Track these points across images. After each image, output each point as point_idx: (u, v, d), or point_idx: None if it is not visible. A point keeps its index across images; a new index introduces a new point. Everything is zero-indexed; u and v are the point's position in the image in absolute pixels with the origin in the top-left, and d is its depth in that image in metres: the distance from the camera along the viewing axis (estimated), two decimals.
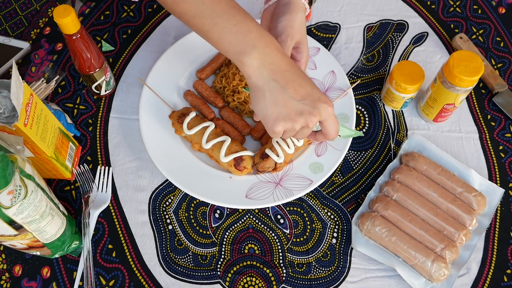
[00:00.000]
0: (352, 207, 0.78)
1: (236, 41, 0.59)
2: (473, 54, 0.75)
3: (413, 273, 0.71)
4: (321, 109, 0.60)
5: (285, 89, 0.59)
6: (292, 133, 0.63)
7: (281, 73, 0.60)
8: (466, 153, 0.83)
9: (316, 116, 0.60)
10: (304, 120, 0.60)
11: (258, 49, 0.59)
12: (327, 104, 0.61)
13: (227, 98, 0.85)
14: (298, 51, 0.70)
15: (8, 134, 0.60)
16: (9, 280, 0.71)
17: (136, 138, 0.82)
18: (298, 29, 0.68)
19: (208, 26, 0.60)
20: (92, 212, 0.75)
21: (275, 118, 0.61)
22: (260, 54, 0.59)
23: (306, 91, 0.60)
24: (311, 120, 0.60)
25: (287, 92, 0.59)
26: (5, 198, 0.54)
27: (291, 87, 0.59)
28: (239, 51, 0.59)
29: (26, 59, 0.91)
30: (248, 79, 0.61)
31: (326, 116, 0.61)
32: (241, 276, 0.72)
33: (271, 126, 0.61)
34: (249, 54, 0.59)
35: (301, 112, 0.60)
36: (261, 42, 0.59)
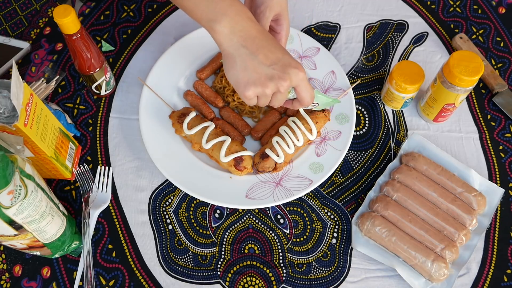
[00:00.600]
0: (352, 207, 0.78)
1: (208, 9, 0.61)
2: (473, 54, 0.75)
3: (413, 273, 0.71)
4: (292, 74, 0.61)
5: (255, 55, 0.61)
6: (266, 99, 0.64)
7: (251, 40, 0.61)
8: (466, 153, 0.83)
9: (286, 80, 0.61)
10: (274, 85, 0.61)
11: (229, 16, 0.61)
12: (297, 69, 0.61)
13: (227, 98, 0.85)
14: (278, 23, 0.72)
15: (8, 134, 0.60)
16: (9, 280, 0.71)
17: (136, 138, 0.82)
18: (277, 2, 0.69)
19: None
20: (92, 212, 0.75)
21: (245, 83, 0.62)
22: (230, 22, 0.61)
23: (276, 57, 0.61)
24: (282, 84, 0.61)
25: (257, 58, 0.61)
26: (5, 198, 0.54)
27: (261, 53, 0.61)
28: (210, 19, 0.61)
29: (26, 59, 0.91)
30: (220, 46, 0.63)
31: (297, 81, 0.62)
32: (241, 276, 0.72)
33: (242, 91, 0.62)
34: (220, 21, 0.61)
35: (271, 77, 0.61)
36: (231, 10, 0.61)
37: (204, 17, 0.62)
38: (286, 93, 0.63)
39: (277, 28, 0.72)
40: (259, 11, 0.69)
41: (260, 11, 0.69)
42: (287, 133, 0.77)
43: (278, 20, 0.71)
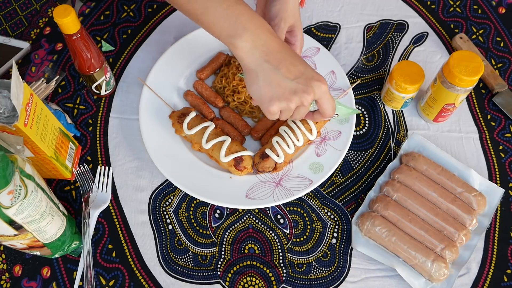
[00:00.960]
0: (352, 207, 0.78)
1: (228, 24, 0.60)
2: (473, 54, 0.75)
3: (413, 273, 0.71)
4: (315, 87, 0.60)
5: (278, 69, 0.60)
6: (289, 113, 0.63)
7: (273, 54, 0.60)
8: (466, 153, 0.83)
9: (310, 94, 0.61)
10: (298, 98, 0.61)
11: (250, 31, 0.59)
12: (320, 82, 0.61)
13: (227, 98, 0.85)
14: (292, 34, 0.71)
15: (8, 134, 0.60)
16: (9, 280, 0.71)
17: (136, 138, 0.82)
18: (291, 13, 0.69)
19: (201, 10, 0.61)
20: (92, 212, 0.75)
21: (270, 98, 0.61)
22: (251, 36, 0.59)
23: (299, 70, 0.61)
24: (306, 98, 0.61)
25: (280, 72, 0.60)
26: (5, 198, 0.54)
27: (284, 66, 0.60)
28: (230, 34, 0.60)
29: (26, 59, 0.91)
30: (241, 61, 0.61)
31: (320, 94, 0.61)
32: (241, 276, 0.72)
33: (267, 106, 0.62)
34: (240, 36, 0.59)
35: (295, 91, 0.60)
36: (252, 25, 0.60)
37: (224, 32, 0.61)
38: (308, 106, 0.63)
39: (292, 39, 0.71)
40: (273, 24, 0.68)
41: (274, 24, 0.68)
42: (287, 133, 0.77)
43: (292, 31, 0.70)
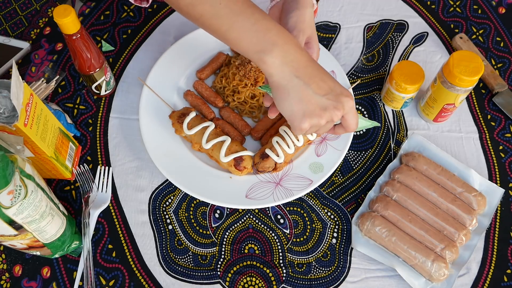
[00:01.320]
0: (352, 207, 0.78)
1: (256, 40, 0.58)
2: (473, 54, 0.75)
3: (413, 273, 0.71)
4: (345, 103, 0.61)
5: (308, 85, 0.59)
6: (317, 128, 0.63)
7: (303, 70, 0.60)
8: (466, 153, 0.83)
9: (340, 110, 0.61)
10: (329, 115, 0.61)
11: (279, 46, 0.58)
12: (349, 97, 0.61)
13: (227, 98, 0.85)
14: (309, 46, 0.70)
15: (8, 134, 0.60)
16: (9, 280, 0.71)
17: (136, 138, 0.82)
18: (308, 24, 0.68)
19: (226, 26, 0.59)
20: (92, 212, 0.75)
21: (302, 115, 0.61)
22: (281, 52, 0.58)
23: (329, 86, 0.61)
24: (336, 114, 0.61)
25: (310, 88, 0.59)
26: (5, 198, 0.54)
27: (314, 82, 0.60)
28: (259, 50, 0.58)
29: (26, 59, 0.91)
30: (269, 77, 0.60)
31: (348, 109, 0.62)
32: (241, 276, 0.72)
33: (299, 123, 0.61)
34: (270, 52, 0.58)
35: (325, 107, 0.60)
36: (280, 40, 0.59)
37: (251, 48, 0.59)
38: (336, 121, 0.63)
39: (309, 51, 0.70)
40: (292, 36, 0.67)
41: (294, 36, 0.66)
42: (287, 133, 0.77)
43: (309, 43, 0.70)
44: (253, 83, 0.82)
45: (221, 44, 0.90)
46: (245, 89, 0.83)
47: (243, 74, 0.82)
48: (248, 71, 0.82)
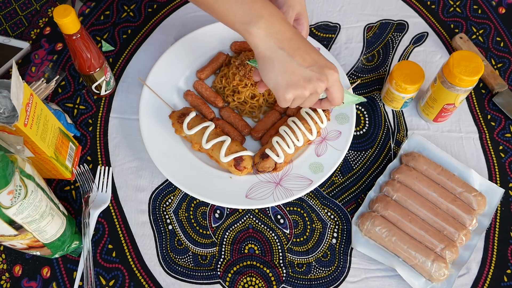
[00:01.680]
0: (352, 207, 0.78)
1: (242, 11, 0.60)
2: (473, 54, 0.75)
3: (413, 273, 0.71)
4: (328, 75, 0.62)
5: (293, 57, 0.61)
6: (301, 100, 0.64)
7: (288, 42, 0.61)
8: (466, 153, 0.83)
9: (324, 82, 0.62)
10: (313, 86, 0.62)
11: (264, 18, 0.60)
12: (333, 70, 0.62)
13: (227, 98, 0.85)
14: (299, 22, 0.72)
15: (8, 134, 0.60)
16: (9, 280, 0.71)
17: (136, 138, 0.82)
18: (298, 0, 0.70)
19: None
20: (92, 212, 0.75)
21: (285, 86, 0.62)
22: (266, 24, 0.60)
23: (313, 58, 0.62)
24: (320, 86, 0.62)
25: (294, 60, 0.61)
26: (5, 198, 0.54)
27: (298, 55, 0.61)
28: (245, 22, 0.60)
29: (26, 59, 0.91)
30: (255, 49, 0.62)
31: (332, 82, 0.63)
32: (241, 276, 0.72)
33: (282, 94, 0.62)
34: (255, 24, 0.60)
35: (309, 78, 0.61)
36: (266, 12, 0.60)
37: (237, 20, 0.61)
38: (320, 94, 0.64)
39: (298, 27, 0.72)
40: (281, 11, 0.68)
41: (283, 12, 0.69)
42: (287, 133, 0.77)
43: (298, 19, 0.72)
44: (253, 83, 0.82)
45: (221, 44, 0.90)
46: (245, 89, 0.83)
47: (243, 74, 0.82)
48: (248, 71, 0.82)
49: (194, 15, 0.96)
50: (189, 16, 0.96)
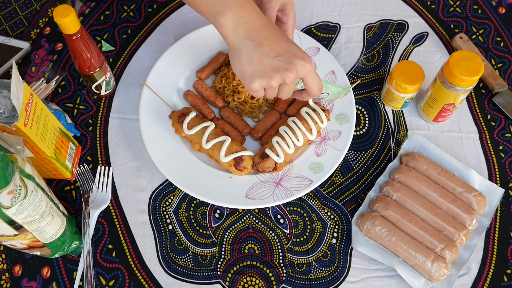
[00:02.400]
0: (352, 207, 0.78)
1: (213, 2, 0.61)
2: (473, 54, 0.75)
3: (413, 273, 0.71)
4: (298, 65, 0.60)
5: (260, 47, 0.60)
6: (273, 91, 0.64)
7: (256, 31, 0.61)
8: (466, 153, 0.83)
9: (292, 72, 0.61)
10: (280, 76, 0.61)
11: (233, 9, 0.60)
12: (304, 60, 0.61)
13: (227, 98, 0.85)
14: (284, 13, 0.72)
15: (8, 134, 0.60)
16: (9, 280, 0.71)
17: (136, 138, 0.82)
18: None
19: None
20: (92, 212, 0.75)
21: (251, 76, 0.62)
22: (234, 15, 0.60)
23: (282, 48, 0.61)
24: (288, 76, 0.61)
25: (262, 50, 0.60)
26: (5, 198, 0.54)
27: (266, 44, 0.61)
28: (215, 12, 0.61)
29: (26, 59, 0.91)
30: (225, 39, 0.63)
31: (304, 72, 0.62)
32: (241, 276, 0.72)
33: (248, 83, 0.62)
34: (224, 14, 0.60)
35: (276, 68, 0.61)
36: (236, 3, 0.61)
37: (208, 10, 0.62)
38: (293, 84, 0.63)
39: (284, 18, 0.72)
40: (265, 1, 0.69)
41: (266, 1, 0.69)
42: (287, 133, 0.77)
43: (284, 10, 0.71)
44: None
45: (221, 44, 0.90)
46: (245, 89, 0.83)
47: None
48: None
49: (194, 15, 0.96)
50: (189, 16, 0.96)
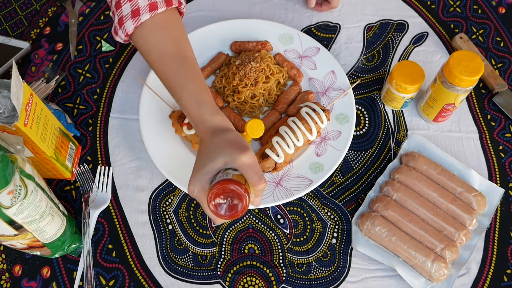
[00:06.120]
0: (352, 207, 0.78)
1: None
2: (473, 54, 0.75)
3: (413, 273, 0.71)
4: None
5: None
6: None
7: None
8: (466, 153, 0.83)
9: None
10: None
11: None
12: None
13: (227, 98, 0.85)
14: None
15: (8, 134, 0.60)
16: (9, 280, 0.71)
17: (136, 138, 0.82)
18: None
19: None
20: (92, 212, 0.75)
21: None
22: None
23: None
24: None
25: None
26: (5, 198, 0.54)
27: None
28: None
29: (26, 59, 0.91)
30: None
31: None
32: (241, 276, 0.72)
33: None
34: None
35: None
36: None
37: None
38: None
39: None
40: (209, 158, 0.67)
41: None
42: (287, 133, 0.77)
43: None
44: (253, 83, 0.82)
45: (221, 44, 0.90)
46: (245, 89, 0.83)
47: (243, 74, 0.82)
48: (248, 71, 0.82)
49: (194, 15, 0.96)
50: (189, 16, 0.96)
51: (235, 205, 0.54)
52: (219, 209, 0.55)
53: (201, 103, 0.62)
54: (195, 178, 0.57)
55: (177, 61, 0.65)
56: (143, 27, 0.66)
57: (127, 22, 0.65)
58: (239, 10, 0.97)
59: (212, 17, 0.95)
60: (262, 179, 0.57)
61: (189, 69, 0.65)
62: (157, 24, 0.66)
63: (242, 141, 0.59)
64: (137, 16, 0.65)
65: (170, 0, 0.67)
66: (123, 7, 0.66)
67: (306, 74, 0.88)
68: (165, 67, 0.65)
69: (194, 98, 0.63)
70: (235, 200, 0.54)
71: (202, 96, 0.63)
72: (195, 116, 0.62)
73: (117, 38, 0.68)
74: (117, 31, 0.67)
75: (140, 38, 0.67)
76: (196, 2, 0.99)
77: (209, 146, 0.59)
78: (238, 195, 0.54)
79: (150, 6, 0.65)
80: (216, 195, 0.54)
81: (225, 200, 0.54)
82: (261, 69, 0.83)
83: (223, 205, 0.54)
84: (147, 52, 0.67)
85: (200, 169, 0.57)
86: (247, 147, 0.57)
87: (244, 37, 0.90)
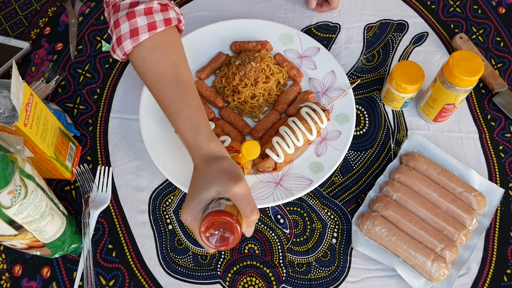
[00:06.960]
0: (352, 207, 0.78)
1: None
2: (473, 54, 0.75)
3: (413, 273, 0.71)
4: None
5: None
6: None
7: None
8: (466, 153, 0.83)
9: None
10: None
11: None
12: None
13: (227, 98, 0.85)
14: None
15: (8, 134, 0.60)
16: (9, 280, 0.71)
17: (136, 138, 0.82)
18: None
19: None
20: (92, 212, 0.75)
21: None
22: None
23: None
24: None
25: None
26: (5, 198, 0.54)
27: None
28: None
29: (26, 59, 0.91)
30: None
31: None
32: (241, 276, 0.72)
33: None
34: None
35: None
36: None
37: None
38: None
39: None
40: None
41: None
42: (287, 133, 0.77)
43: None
44: (253, 83, 0.82)
45: (221, 44, 0.90)
46: (245, 89, 0.83)
47: (243, 74, 0.82)
48: (248, 71, 0.82)
49: (194, 15, 0.96)
50: (189, 16, 0.96)
51: (227, 236, 0.55)
52: (211, 239, 0.55)
53: (196, 129, 0.63)
54: (188, 207, 0.58)
55: (174, 85, 0.65)
56: (141, 47, 0.66)
57: (126, 42, 0.65)
58: (239, 10, 0.97)
59: (212, 17, 0.95)
60: (255, 210, 0.57)
61: (186, 93, 0.65)
62: (156, 44, 0.66)
63: (236, 169, 0.59)
64: (135, 36, 0.65)
65: (169, 19, 0.67)
66: (121, 26, 0.65)
67: (306, 74, 0.88)
68: (162, 90, 0.66)
69: (189, 124, 0.63)
70: (226, 232, 0.54)
71: (198, 122, 0.63)
72: (190, 142, 0.62)
73: (114, 56, 0.68)
74: (115, 49, 0.67)
75: (138, 58, 0.67)
76: (196, 2, 0.99)
77: (203, 175, 0.59)
78: (230, 228, 0.54)
79: (149, 26, 0.65)
80: (208, 227, 0.54)
81: (217, 232, 0.55)
82: (261, 69, 0.83)
83: (215, 235, 0.55)
84: (144, 73, 0.67)
85: (193, 198, 0.58)
86: (240, 176, 0.57)
87: (244, 37, 0.90)
